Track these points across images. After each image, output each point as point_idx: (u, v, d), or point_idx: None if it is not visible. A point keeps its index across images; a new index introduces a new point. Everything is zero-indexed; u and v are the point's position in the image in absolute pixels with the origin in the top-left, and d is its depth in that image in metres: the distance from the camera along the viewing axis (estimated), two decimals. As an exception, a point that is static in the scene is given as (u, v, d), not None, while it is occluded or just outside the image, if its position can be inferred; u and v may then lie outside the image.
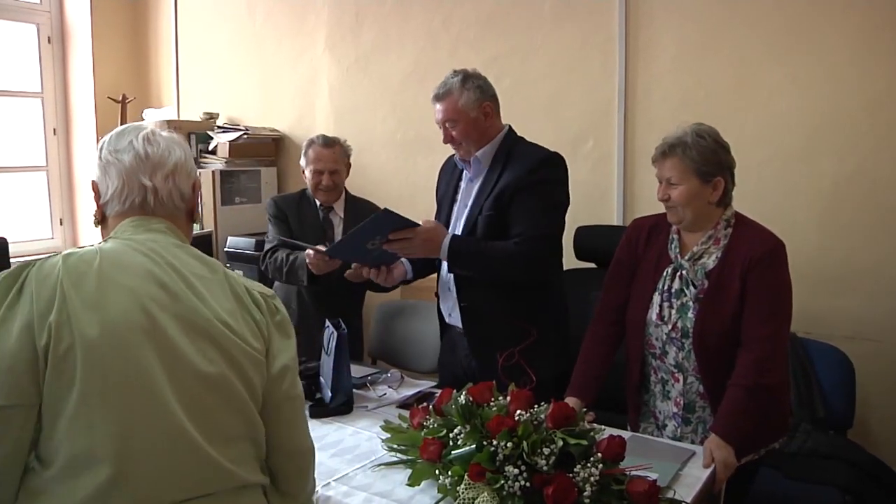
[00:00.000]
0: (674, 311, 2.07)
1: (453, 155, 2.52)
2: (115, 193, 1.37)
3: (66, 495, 1.16)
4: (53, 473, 1.17)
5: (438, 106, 2.35)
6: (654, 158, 2.08)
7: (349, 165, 3.05)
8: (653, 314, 2.10)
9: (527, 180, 2.27)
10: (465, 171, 2.46)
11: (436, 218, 2.55)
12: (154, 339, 1.22)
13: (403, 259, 2.47)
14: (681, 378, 2.09)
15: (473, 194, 2.39)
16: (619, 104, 3.29)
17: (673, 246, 2.12)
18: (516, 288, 2.31)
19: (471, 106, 2.32)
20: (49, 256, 1.25)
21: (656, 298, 2.10)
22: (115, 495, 1.15)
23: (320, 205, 3.01)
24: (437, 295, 2.54)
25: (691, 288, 2.04)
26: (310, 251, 2.55)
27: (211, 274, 1.35)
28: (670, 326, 2.07)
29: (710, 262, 2.04)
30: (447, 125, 2.33)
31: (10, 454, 1.17)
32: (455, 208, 2.47)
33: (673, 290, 2.08)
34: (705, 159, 1.99)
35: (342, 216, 3.01)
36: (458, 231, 2.38)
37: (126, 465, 1.16)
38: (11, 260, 4.48)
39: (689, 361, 2.06)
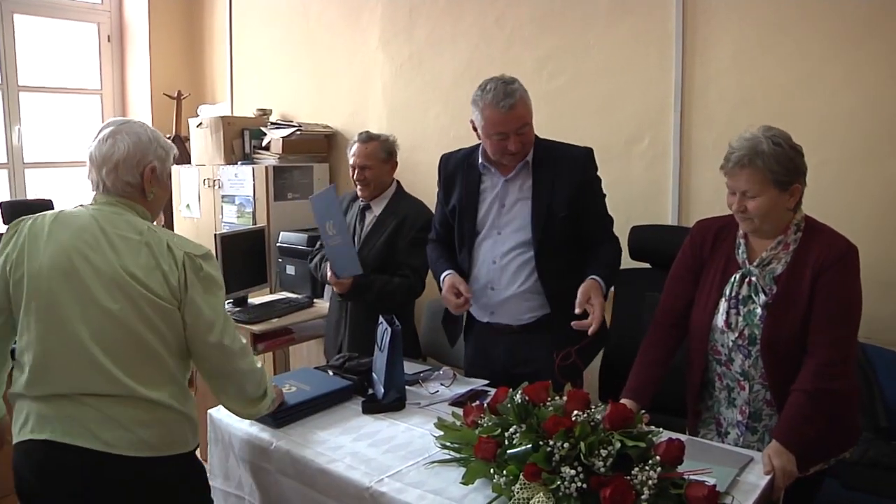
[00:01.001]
0: (741, 319, 2.01)
1: (454, 153, 2.59)
2: (88, 178, 1.87)
3: (17, 380, 1.76)
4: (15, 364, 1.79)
5: (509, 114, 2.27)
6: (727, 170, 1.97)
7: (392, 162, 3.06)
8: (719, 321, 2.05)
9: (586, 178, 2.38)
10: (484, 172, 2.47)
11: (457, 219, 2.52)
12: (71, 279, 1.70)
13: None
14: (747, 386, 2.04)
15: (523, 193, 2.40)
16: (675, 102, 3.24)
17: (740, 251, 2.06)
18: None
19: (532, 108, 2.35)
20: (34, 217, 1.81)
21: (723, 305, 2.05)
22: (36, 383, 1.72)
23: (361, 201, 3.04)
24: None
25: (760, 295, 1.98)
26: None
27: (137, 236, 1.76)
28: (737, 334, 2.02)
29: (778, 267, 1.98)
30: (519, 132, 2.30)
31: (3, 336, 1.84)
32: (482, 207, 2.46)
33: (740, 297, 2.02)
34: (784, 168, 1.90)
35: (377, 214, 3.02)
36: (527, 230, 2.39)
37: (41, 365, 1.71)
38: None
39: (756, 369, 2.01)
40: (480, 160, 2.46)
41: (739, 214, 1.98)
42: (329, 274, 2.77)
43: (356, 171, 2.98)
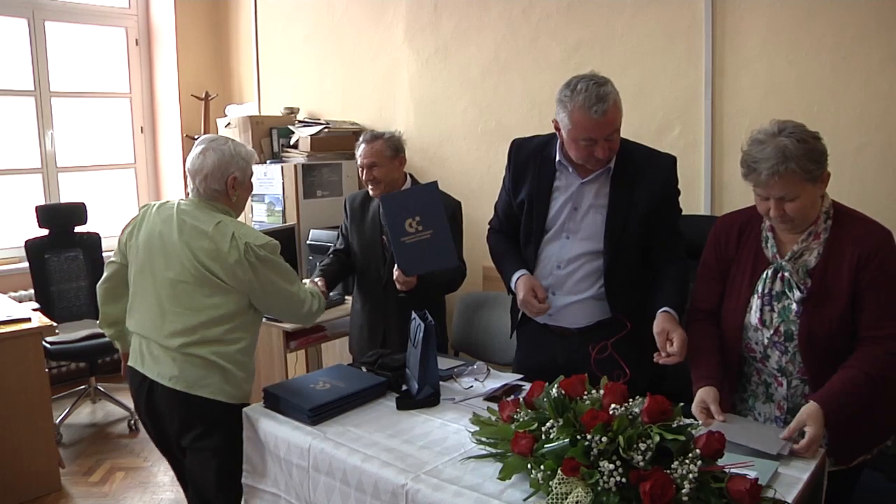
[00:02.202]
0: (775, 315, 1.97)
1: (528, 140, 2.44)
2: (187, 184, 2.43)
3: (126, 307, 2.45)
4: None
5: (601, 120, 2.10)
6: (757, 181, 1.89)
7: (400, 158, 3.00)
8: (753, 318, 2.00)
9: (665, 192, 2.28)
10: (560, 170, 2.33)
11: (525, 214, 2.40)
12: (151, 252, 2.34)
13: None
14: (784, 382, 2.00)
15: (599, 200, 2.28)
16: (705, 90, 3.19)
17: (769, 245, 2.01)
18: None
19: (623, 110, 2.20)
20: (151, 203, 2.45)
21: (756, 302, 2.00)
22: (130, 320, 2.43)
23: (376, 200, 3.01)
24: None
25: (795, 291, 1.94)
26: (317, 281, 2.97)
27: (206, 226, 2.28)
28: (772, 331, 1.97)
29: (811, 259, 1.94)
30: (609, 138, 2.16)
31: (122, 282, 2.47)
32: (553, 206, 2.34)
33: (774, 293, 1.98)
34: (816, 163, 1.84)
35: None
36: (597, 239, 2.29)
37: (132, 307, 2.41)
38: (103, 253, 4.67)
39: (794, 364, 1.97)
40: (558, 157, 2.32)
41: (778, 219, 1.92)
42: (396, 273, 2.63)
43: (365, 171, 2.96)
